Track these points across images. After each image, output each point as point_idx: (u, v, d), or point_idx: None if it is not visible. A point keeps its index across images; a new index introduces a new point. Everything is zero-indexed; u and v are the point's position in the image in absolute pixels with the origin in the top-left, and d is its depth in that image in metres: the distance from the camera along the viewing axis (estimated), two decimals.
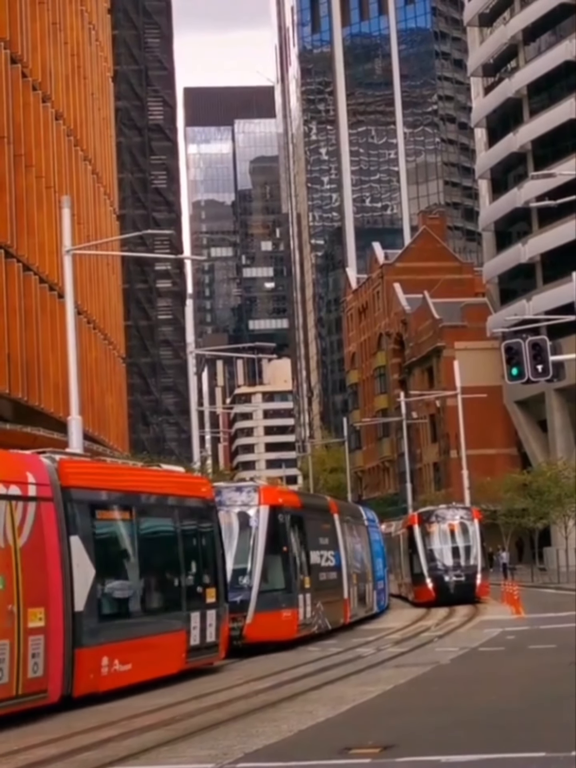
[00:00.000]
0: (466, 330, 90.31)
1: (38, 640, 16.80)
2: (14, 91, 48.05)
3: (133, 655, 19.40)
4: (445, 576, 45.36)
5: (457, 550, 46.39)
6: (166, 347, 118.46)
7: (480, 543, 46.58)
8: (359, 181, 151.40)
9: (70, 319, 29.59)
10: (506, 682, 18.40)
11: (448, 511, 48.72)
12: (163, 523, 21.87)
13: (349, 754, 12.21)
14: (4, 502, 16.55)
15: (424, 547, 46.37)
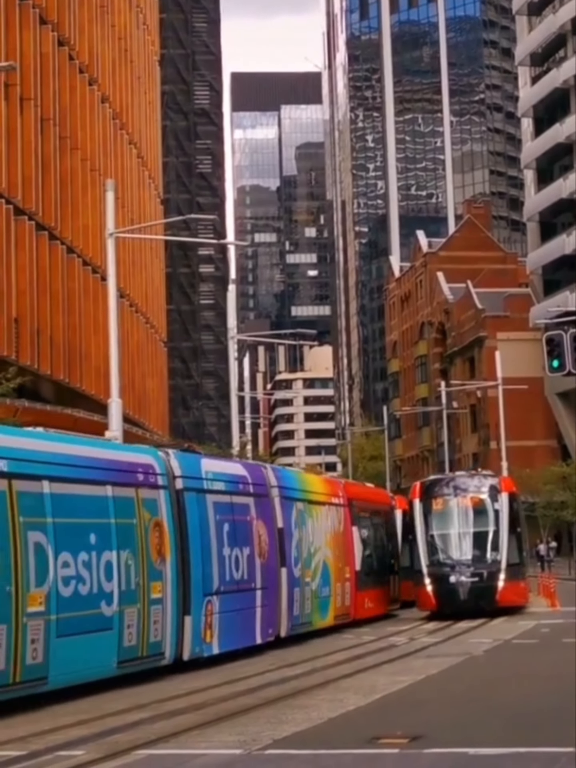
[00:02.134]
0: (508, 320, 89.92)
1: (347, 586, 30.85)
2: (61, 73, 48.29)
3: (373, 597, 33.46)
4: (451, 576, 32.52)
5: (474, 537, 33.42)
6: (208, 332, 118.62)
7: (509, 527, 33.36)
8: (405, 168, 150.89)
9: (112, 302, 29.67)
10: (537, 675, 18.35)
11: (465, 479, 35.35)
12: (381, 522, 36.33)
13: (378, 743, 12.23)
14: None
15: (424, 532, 33.32)
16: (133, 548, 18.88)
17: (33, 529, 16.55)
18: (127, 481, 19.14)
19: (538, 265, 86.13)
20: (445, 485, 34.65)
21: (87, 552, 17.71)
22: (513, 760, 11.04)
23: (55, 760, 12.05)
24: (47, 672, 16.67)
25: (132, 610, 18.72)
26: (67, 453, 18.01)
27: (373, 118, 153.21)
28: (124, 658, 18.56)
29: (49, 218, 46.14)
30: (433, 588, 32.55)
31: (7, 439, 16.75)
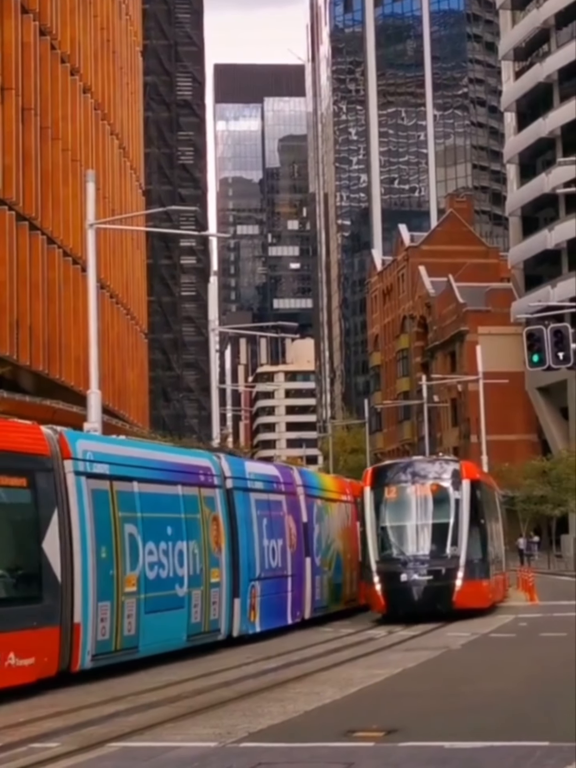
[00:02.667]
0: (490, 315, 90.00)
1: (355, 575, 32.74)
2: (42, 63, 48.07)
3: None
4: (402, 573, 28.81)
5: (429, 529, 29.73)
6: (189, 324, 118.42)
7: (471, 518, 29.55)
8: (387, 162, 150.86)
9: (92, 292, 29.55)
10: (514, 669, 18.36)
11: (422, 465, 31.26)
12: None
13: (353, 736, 12.20)
14: None
15: (375, 524, 29.81)
16: (197, 539, 22.19)
17: (127, 522, 19.78)
18: (192, 482, 22.51)
19: (519, 259, 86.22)
20: (399, 471, 30.60)
21: (165, 542, 21.00)
22: (489, 753, 11.02)
23: (28, 752, 11.99)
24: (138, 642, 19.83)
25: (197, 592, 22.10)
26: (148, 458, 21.52)
27: (356, 111, 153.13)
28: (192, 633, 21.92)
29: (29, 208, 45.96)
30: (383, 587, 28.92)
31: (107, 447, 20.28)
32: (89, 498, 18.73)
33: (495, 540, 33.41)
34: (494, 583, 32.05)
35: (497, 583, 33.09)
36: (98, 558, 18.77)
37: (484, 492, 31.72)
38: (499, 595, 34.00)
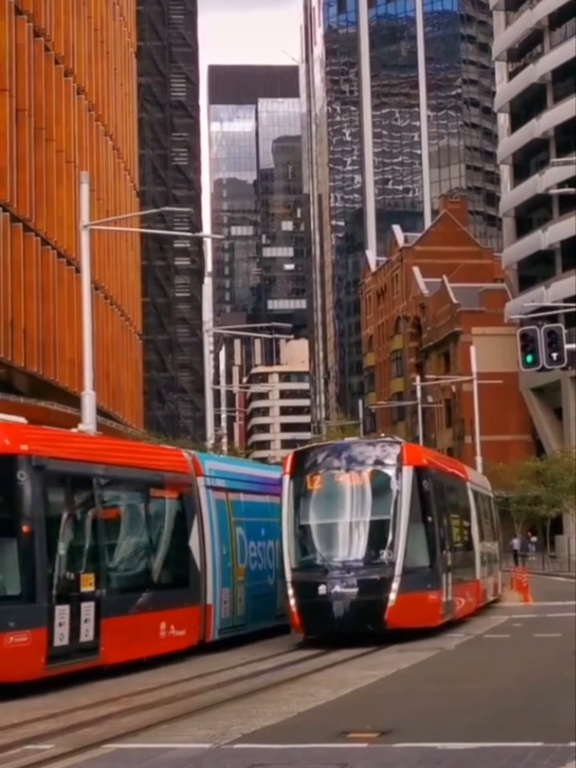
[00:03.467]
0: (483, 315, 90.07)
1: None
2: (36, 64, 48.08)
3: None
4: (321, 585, 23.02)
5: (359, 529, 23.71)
6: (183, 325, 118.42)
7: (413, 515, 23.70)
8: (381, 163, 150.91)
9: (86, 294, 29.57)
10: (508, 670, 18.39)
11: (354, 448, 25.10)
12: None
13: (347, 737, 12.22)
14: None
15: (293, 522, 24.06)
16: (277, 539, 25.04)
17: (238, 526, 25.05)
18: (272, 492, 25.70)
19: (513, 260, 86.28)
20: (326, 456, 24.68)
21: (260, 541, 26.22)
22: (482, 754, 11.04)
23: (22, 754, 12.01)
24: (247, 621, 25.03)
25: (279, 582, 25.19)
26: (248, 474, 27.26)
27: (350, 112, 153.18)
28: (278, 614, 25.44)
29: (23, 210, 45.97)
30: (298, 602, 23.25)
31: (223, 465, 26.49)
32: (214, 507, 23.61)
33: (457, 540, 28.10)
34: (453, 594, 25.88)
35: (461, 593, 27.18)
36: (221, 553, 23.80)
37: (435, 481, 25.33)
38: (469, 608, 28.60)
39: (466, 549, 29.45)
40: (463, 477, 31.11)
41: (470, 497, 30.66)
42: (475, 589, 30.00)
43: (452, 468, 30.64)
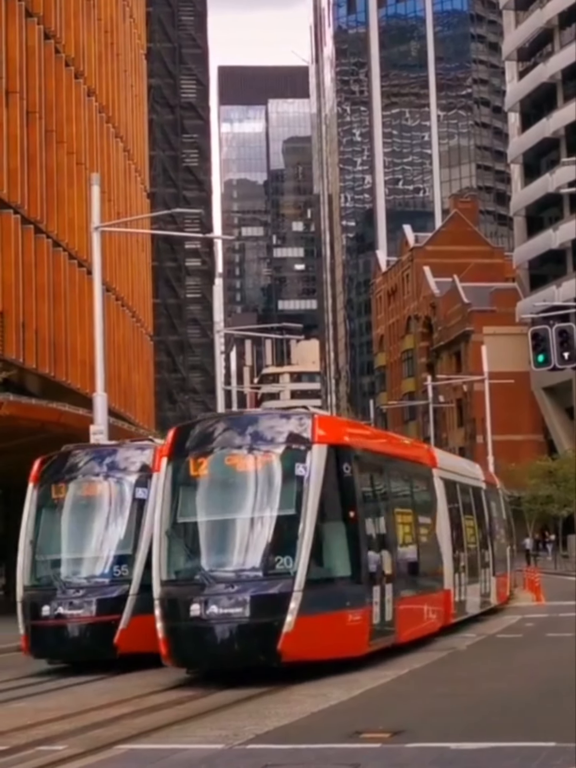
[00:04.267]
0: (495, 315, 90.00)
1: None
2: (47, 66, 48.16)
3: None
4: (195, 602, 17.63)
5: (251, 529, 18.15)
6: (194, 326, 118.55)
7: (325, 509, 18.19)
8: (392, 163, 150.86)
9: (98, 295, 29.63)
10: (520, 670, 18.37)
11: (250, 422, 19.07)
12: None
13: (360, 738, 12.22)
14: None
15: (167, 518, 18.46)
16: None
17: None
18: None
19: (524, 259, 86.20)
20: (215, 432, 18.98)
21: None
22: (495, 754, 11.04)
23: (36, 755, 12.05)
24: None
25: None
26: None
27: (360, 113, 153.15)
28: None
29: (34, 212, 46.04)
30: (165, 625, 17.86)
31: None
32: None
33: (407, 542, 22.26)
34: (396, 612, 20.13)
35: (414, 610, 22.05)
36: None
37: (365, 465, 19.72)
38: (431, 626, 23.41)
39: (427, 553, 23.43)
40: (424, 462, 24.96)
41: (437, 488, 24.84)
42: (442, 602, 24.31)
43: (405, 450, 25.06)
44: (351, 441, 19.38)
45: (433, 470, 25.09)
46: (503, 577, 32.79)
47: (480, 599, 28.81)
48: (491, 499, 32.54)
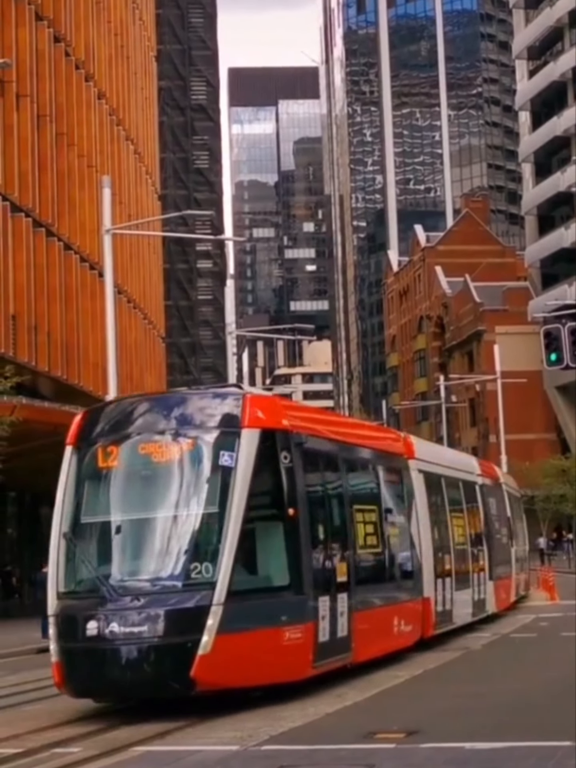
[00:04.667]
0: (507, 314, 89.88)
1: None
2: (57, 70, 48.26)
3: None
4: (93, 620, 14.73)
5: (169, 530, 15.27)
6: (206, 327, 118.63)
7: (249, 505, 15.27)
8: (402, 163, 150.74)
9: (110, 297, 29.67)
10: (535, 669, 18.35)
11: (171, 404, 16.56)
12: None
13: (374, 738, 12.22)
14: None
15: (69, 517, 15.85)
16: None
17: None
18: None
19: (536, 258, 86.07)
20: (128, 416, 16.27)
21: None
22: (510, 754, 11.03)
23: (51, 758, 12.08)
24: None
25: None
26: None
27: (370, 113, 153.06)
28: None
29: (46, 215, 46.13)
30: (58, 646, 15.22)
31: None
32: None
33: (372, 544, 19.29)
34: (352, 627, 17.26)
35: (377, 623, 19.02)
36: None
37: (312, 454, 16.80)
38: (400, 639, 20.58)
39: (398, 556, 20.85)
40: (397, 452, 22.04)
41: (414, 482, 22.15)
42: (419, 612, 21.57)
43: (368, 438, 21.37)
44: (292, 425, 16.18)
45: (409, 461, 22.15)
46: (504, 581, 30.84)
47: (472, 607, 26.05)
48: (489, 495, 29.60)
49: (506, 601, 31.34)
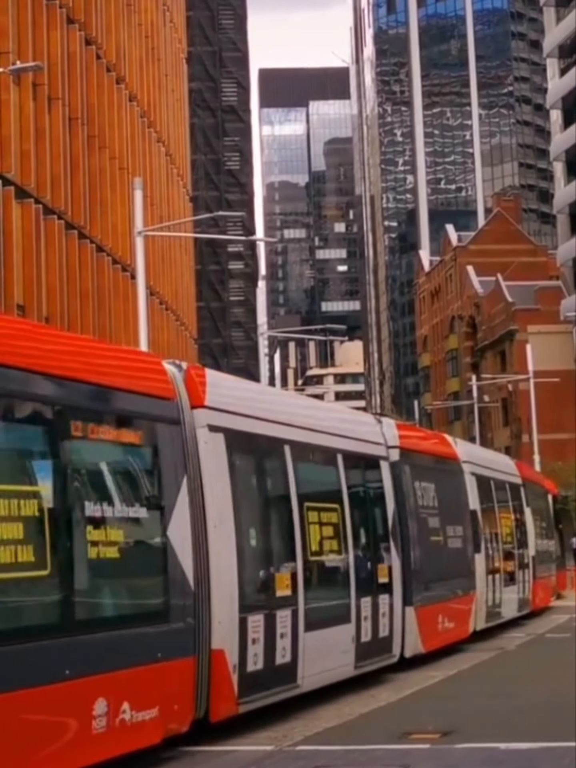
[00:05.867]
0: (539, 313, 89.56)
1: None
2: (88, 72, 48.40)
3: None
4: None
5: None
6: (238, 329, 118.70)
7: None
8: (433, 162, 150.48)
9: (142, 300, 29.74)
10: (569, 669, 18.28)
11: None
12: None
13: (409, 739, 12.22)
14: None
15: None
16: None
17: None
18: None
19: (568, 257, 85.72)
20: None
21: None
22: (544, 754, 11.01)
23: None
24: None
25: None
26: None
27: (401, 113, 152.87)
28: None
29: (78, 217, 46.28)
30: None
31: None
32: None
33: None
34: None
35: None
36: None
37: None
38: None
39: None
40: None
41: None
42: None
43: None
44: None
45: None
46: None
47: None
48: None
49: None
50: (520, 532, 28.63)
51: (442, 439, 23.84)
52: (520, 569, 28.02)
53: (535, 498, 32.10)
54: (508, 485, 27.88)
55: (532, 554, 29.58)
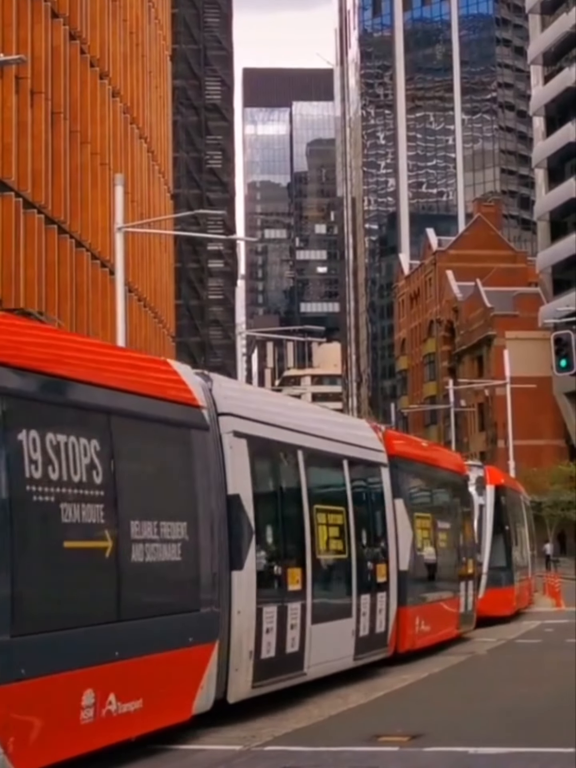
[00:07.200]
0: (517, 319, 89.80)
1: None
2: (72, 67, 48.26)
3: None
4: None
5: None
6: (216, 327, 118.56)
7: None
8: (415, 166, 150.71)
9: (120, 296, 29.65)
10: (539, 674, 18.33)
11: None
12: None
13: (378, 741, 12.21)
14: None
15: None
16: None
17: None
18: None
19: (547, 264, 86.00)
20: None
21: None
22: (513, 759, 11.02)
23: None
24: None
25: None
26: None
27: (384, 116, 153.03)
28: None
29: (58, 212, 46.14)
30: None
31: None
32: None
33: None
34: None
35: None
36: None
37: None
38: None
39: None
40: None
41: None
42: None
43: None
44: None
45: None
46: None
47: None
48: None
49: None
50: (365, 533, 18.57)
51: None
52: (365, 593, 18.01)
53: (428, 485, 23.61)
54: None
55: (401, 568, 19.79)
